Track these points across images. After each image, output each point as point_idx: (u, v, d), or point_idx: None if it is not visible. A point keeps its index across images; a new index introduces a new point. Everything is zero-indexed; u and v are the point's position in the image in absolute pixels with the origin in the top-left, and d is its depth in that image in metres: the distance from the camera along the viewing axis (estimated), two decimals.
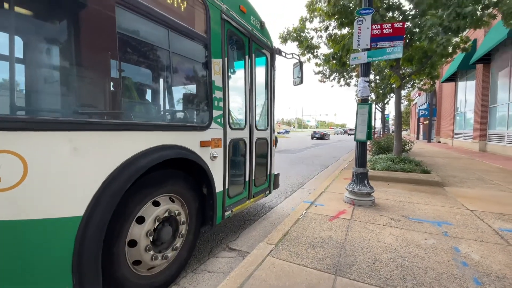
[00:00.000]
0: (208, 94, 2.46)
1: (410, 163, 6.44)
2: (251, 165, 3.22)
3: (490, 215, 3.51)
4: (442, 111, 21.47)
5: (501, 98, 11.95)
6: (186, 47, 2.41)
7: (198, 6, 2.39)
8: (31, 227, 1.27)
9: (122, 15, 1.78)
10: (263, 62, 3.67)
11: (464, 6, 4.95)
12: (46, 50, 1.62)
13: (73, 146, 1.41)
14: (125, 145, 1.70)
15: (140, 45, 2.09)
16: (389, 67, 7.82)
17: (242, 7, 3.02)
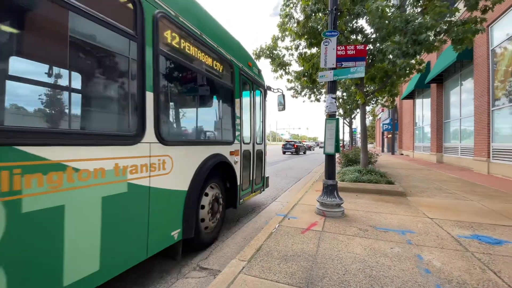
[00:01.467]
0: (233, 121, 3.80)
1: (376, 174, 6.79)
2: (253, 168, 4.58)
3: (449, 223, 3.78)
4: (403, 125, 23.18)
5: (454, 114, 13.24)
6: (226, 93, 3.75)
7: (229, 67, 3.71)
8: (172, 193, 2.44)
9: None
10: (259, 95, 5.01)
11: (419, 33, 5.52)
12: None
13: (186, 153, 2.68)
14: (201, 153, 2.96)
15: (210, 98, 3.63)
16: (354, 85, 8.36)
17: (249, 63, 4.50)
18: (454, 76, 12.95)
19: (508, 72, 8.48)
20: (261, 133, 5.10)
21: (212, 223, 3.18)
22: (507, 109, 8.63)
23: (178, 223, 2.52)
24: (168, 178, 2.36)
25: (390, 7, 6.42)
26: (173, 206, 2.47)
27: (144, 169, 2.08)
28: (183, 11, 2.64)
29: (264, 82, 5.25)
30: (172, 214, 2.46)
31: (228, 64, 3.65)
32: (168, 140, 2.37)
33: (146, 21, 2.12)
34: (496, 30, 9.23)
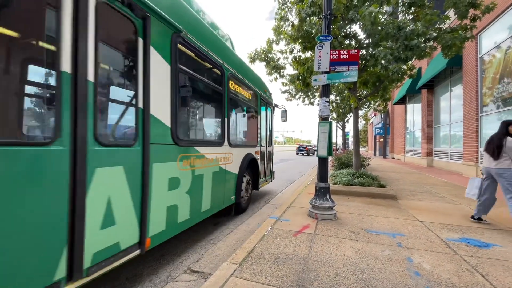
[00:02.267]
0: (257, 131, 5.66)
1: (368, 177, 6.86)
2: (266, 164, 6.30)
3: (438, 226, 3.84)
4: (395, 130, 23.53)
5: (444, 119, 13.51)
6: (253, 112, 5.55)
7: (256, 96, 5.53)
8: (232, 174, 4.22)
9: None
10: (270, 111, 6.69)
11: (410, 39, 5.63)
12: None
13: (238, 152, 4.42)
14: (243, 152, 4.70)
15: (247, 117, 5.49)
16: (347, 89, 8.45)
17: (265, 89, 6.24)
18: (444, 82, 13.24)
19: (496, 79, 8.72)
20: (271, 139, 6.86)
21: (246, 197, 4.96)
22: (494, 115, 8.86)
23: (233, 192, 4.32)
24: (231, 165, 4.16)
25: (383, 14, 6.54)
26: (233, 181, 4.29)
27: (224, 159, 3.86)
28: (238, 70, 4.49)
29: (272, 101, 6.98)
30: (232, 186, 4.27)
31: (255, 94, 5.55)
32: (232, 144, 4.16)
33: (225, 78, 3.89)
34: (484, 38, 9.49)
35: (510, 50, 8.05)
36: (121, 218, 1.98)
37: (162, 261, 2.75)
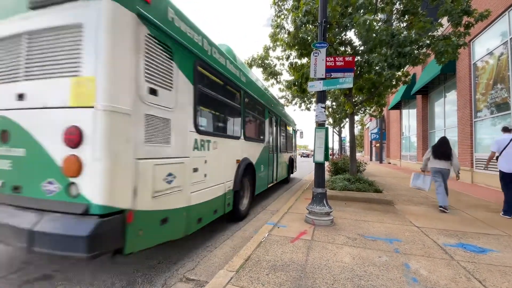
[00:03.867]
0: (292, 144, 11.07)
1: (364, 183, 6.88)
2: (295, 161, 11.48)
3: (435, 231, 3.85)
4: (390, 135, 23.71)
5: (438, 124, 13.66)
6: (290, 136, 10.55)
7: (290, 126, 10.43)
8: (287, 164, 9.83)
9: None
10: (295, 132, 11.77)
11: (404, 46, 5.73)
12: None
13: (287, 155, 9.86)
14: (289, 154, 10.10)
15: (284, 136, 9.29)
16: (343, 94, 8.53)
17: (294, 122, 11.33)
18: (438, 88, 13.43)
19: (489, 85, 8.87)
20: (295, 148, 12.32)
21: (291, 174, 10.36)
22: (488, 120, 8.98)
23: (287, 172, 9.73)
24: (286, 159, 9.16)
25: (377, 21, 6.65)
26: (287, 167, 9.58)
27: (285, 157, 8.96)
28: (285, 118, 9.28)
29: (296, 126, 11.97)
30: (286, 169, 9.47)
31: (292, 128, 11.07)
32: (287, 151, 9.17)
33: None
34: (477, 45, 9.68)
35: (502, 56, 8.21)
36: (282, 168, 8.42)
37: (158, 269, 2.71)
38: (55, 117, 2.04)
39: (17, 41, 2.24)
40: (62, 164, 1.97)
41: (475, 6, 6.97)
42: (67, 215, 1.95)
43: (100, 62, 1.95)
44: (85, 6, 2.02)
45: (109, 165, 1.93)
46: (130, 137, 2.13)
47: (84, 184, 1.93)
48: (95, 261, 2.78)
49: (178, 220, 2.76)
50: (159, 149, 2.45)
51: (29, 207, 2.08)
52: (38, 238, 1.92)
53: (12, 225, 2.02)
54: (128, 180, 2.11)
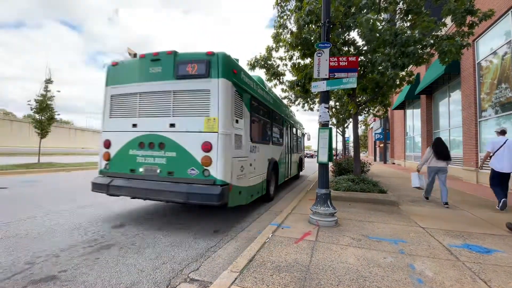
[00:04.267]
0: (301, 146, 13.37)
1: (368, 183, 6.84)
2: (303, 160, 13.82)
3: (440, 232, 3.82)
4: (395, 135, 23.56)
5: (443, 124, 13.55)
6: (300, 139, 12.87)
7: (300, 130, 12.39)
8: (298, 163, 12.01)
9: None
10: (304, 136, 14.11)
11: (407, 46, 5.70)
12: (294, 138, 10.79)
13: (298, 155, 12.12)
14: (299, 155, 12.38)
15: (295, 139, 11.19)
16: (347, 95, 8.50)
17: (303, 128, 13.71)
18: (442, 88, 13.33)
19: (494, 85, 8.78)
20: (303, 149, 14.45)
21: (300, 170, 12.62)
22: (493, 120, 8.89)
23: (297, 170, 11.70)
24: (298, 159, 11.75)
25: (380, 21, 6.62)
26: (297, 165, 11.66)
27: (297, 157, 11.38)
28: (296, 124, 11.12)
29: (304, 129, 13.91)
30: (297, 167, 11.42)
31: (300, 131, 12.32)
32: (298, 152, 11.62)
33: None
34: (481, 44, 9.60)
35: (506, 56, 8.14)
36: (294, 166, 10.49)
37: (162, 269, 2.72)
38: (195, 136, 3.93)
39: (168, 95, 4.17)
40: (200, 160, 3.86)
41: (478, 5, 6.93)
42: (204, 185, 3.80)
43: (219, 110, 3.88)
44: (210, 81, 3.94)
45: (223, 161, 3.83)
46: (230, 146, 4.03)
47: (212, 170, 3.82)
48: (100, 263, 2.81)
49: (245, 193, 4.66)
50: (238, 152, 4.36)
51: (180, 182, 3.92)
52: (191, 196, 3.71)
53: (174, 190, 3.83)
54: (230, 169, 3.98)
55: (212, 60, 3.97)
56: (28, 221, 4.31)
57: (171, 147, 4.05)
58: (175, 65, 4.13)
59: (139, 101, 4.37)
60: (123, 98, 4.52)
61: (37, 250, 3.15)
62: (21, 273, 2.57)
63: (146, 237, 3.70)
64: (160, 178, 4.07)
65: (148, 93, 4.31)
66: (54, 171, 12.30)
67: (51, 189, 7.44)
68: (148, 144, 4.20)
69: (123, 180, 4.28)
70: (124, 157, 4.40)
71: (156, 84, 4.25)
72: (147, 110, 4.32)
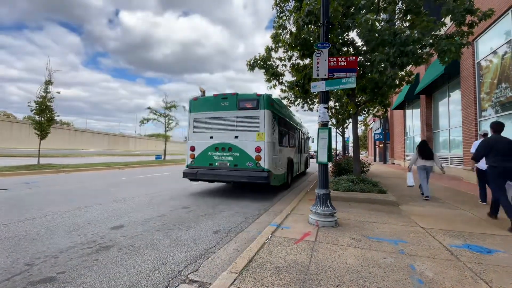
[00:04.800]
0: (307, 148, 16.39)
1: (368, 183, 6.83)
2: (308, 160, 16.23)
3: (440, 232, 3.80)
4: (394, 135, 23.55)
5: (442, 124, 13.54)
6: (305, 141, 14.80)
7: (305, 134, 14.81)
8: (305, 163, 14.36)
9: None
10: (308, 139, 16.14)
11: (406, 45, 5.69)
12: None
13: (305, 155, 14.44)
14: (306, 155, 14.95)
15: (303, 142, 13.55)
16: (346, 95, 8.49)
17: (308, 133, 15.94)
18: (442, 88, 13.32)
19: (494, 85, 8.78)
20: (308, 151, 17.45)
21: (306, 168, 14.58)
22: (493, 119, 8.88)
23: (305, 167, 14.11)
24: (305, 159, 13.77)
25: (379, 21, 6.62)
26: (304, 164, 13.82)
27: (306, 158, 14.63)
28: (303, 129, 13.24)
29: (309, 134, 16.40)
30: (304, 165, 13.59)
31: (306, 136, 15.20)
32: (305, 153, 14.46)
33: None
34: (481, 44, 9.60)
35: (506, 55, 8.13)
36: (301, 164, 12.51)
37: (161, 270, 2.71)
38: (251, 143, 6.64)
39: (233, 119, 6.89)
40: (254, 158, 6.57)
41: (478, 5, 6.92)
42: (257, 171, 6.50)
43: (265, 127, 6.62)
44: (259, 111, 6.67)
45: (268, 158, 6.53)
46: (271, 149, 6.69)
47: (261, 163, 6.52)
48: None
49: (277, 179, 7.19)
50: (274, 152, 6.91)
51: (242, 170, 6.62)
52: (250, 178, 6.44)
53: (239, 175, 6.58)
54: (271, 162, 6.63)
55: (260, 99, 6.76)
56: (27, 222, 4.30)
57: (236, 150, 6.83)
58: (237, 102, 6.94)
59: (214, 122, 7.15)
60: (203, 120, 7.30)
61: (36, 251, 3.14)
62: (20, 275, 2.56)
63: (145, 238, 3.69)
64: (229, 168, 6.84)
65: (220, 118, 7.10)
66: (54, 172, 12.29)
67: (51, 191, 7.43)
68: (221, 148, 6.98)
69: (205, 170, 7.02)
70: (204, 156, 7.15)
71: (225, 112, 7.06)
72: (219, 127, 7.07)
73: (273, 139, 6.96)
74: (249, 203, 6.30)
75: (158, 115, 22.63)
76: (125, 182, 9.57)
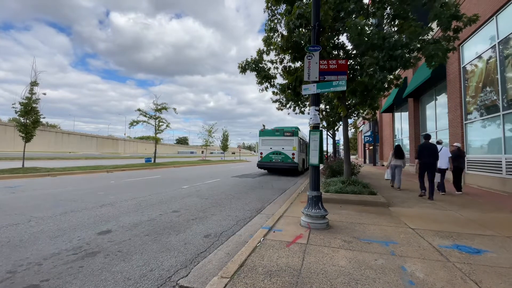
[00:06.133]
0: None
1: (359, 185, 6.89)
2: None
3: (430, 233, 3.85)
4: (383, 137, 23.96)
5: (430, 126, 13.85)
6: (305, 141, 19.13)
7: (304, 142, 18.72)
8: None
9: None
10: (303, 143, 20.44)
11: (395, 49, 5.80)
12: None
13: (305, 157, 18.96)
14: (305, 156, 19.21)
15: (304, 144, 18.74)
16: (336, 98, 8.58)
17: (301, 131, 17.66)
18: (429, 91, 13.65)
19: (479, 88, 9.05)
20: None
21: (304, 168, 17.41)
22: (478, 122, 9.14)
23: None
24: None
25: (369, 26, 6.74)
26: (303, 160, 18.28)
27: None
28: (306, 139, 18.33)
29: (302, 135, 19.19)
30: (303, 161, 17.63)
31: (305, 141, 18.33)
32: None
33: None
34: (466, 49, 9.90)
35: (491, 60, 8.40)
36: None
37: (149, 277, 2.63)
38: (290, 151, 15.15)
39: (281, 140, 15.50)
40: (291, 157, 15.08)
41: (464, 10, 7.14)
42: (292, 164, 15.08)
43: (296, 145, 15.16)
44: (293, 137, 15.33)
45: (298, 158, 15.10)
46: (298, 154, 15.35)
47: (295, 160, 15.00)
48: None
49: (299, 168, 15.47)
50: (300, 155, 15.72)
51: (285, 163, 15.17)
52: (289, 167, 15.03)
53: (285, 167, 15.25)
54: (298, 160, 15.18)
55: (294, 130, 15.23)
56: (10, 228, 4.12)
57: (282, 154, 15.12)
58: (283, 132, 15.37)
59: (272, 142, 15.51)
60: (266, 141, 15.71)
61: (19, 258, 3.00)
62: (1, 283, 2.43)
63: (134, 243, 3.59)
64: (279, 162, 15.11)
65: (274, 139, 15.46)
66: (39, 176, 11.91)
67: (35, 195, 7.17)
68: (275, 153, 15.28)
69: (267, 163, 15.45)
70: (267, 157, 15.48)
71: (276, 137, 15.45)
72: (274, 144, 15.42)
73: (299, 149, 15.08)
74: (241, 205, 6.25)
75: (148, 117, 22.31)
76: (113, 186, 9.35)
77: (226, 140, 42.57)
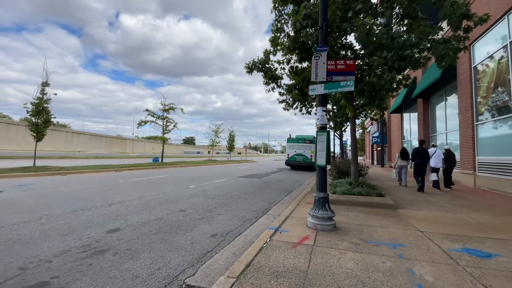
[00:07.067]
0: None
1: (366, 187, 6.82)
2: None
3: (439, 236, 3.79)
4: (392, 138, 23.64)
5: (440, 128, 13.61)
6: None
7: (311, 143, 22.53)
8: None
9: None
10: None
11: (404, 49, 5.72)
12: None
13: None
14: None
15: None
16: (344, 98, 8.51)
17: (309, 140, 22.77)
18: (439, 92, 13.41)
19: (490, 89, 8.85)
20: None
21: None
22: (490, 123, 8.94)
23: None
24: None
25: (377, 25, 6.67)
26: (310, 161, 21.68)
27: None
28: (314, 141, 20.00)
29: None
30: None
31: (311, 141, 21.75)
32: None
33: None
34: (477, 48, 9.69)
35: (503, 60, 8.21)
36: None
37: (157, 275, 2.67)
38: (309, 154, 21.01)
39: (303, 146, 21.49)
40: (310, 158, 20.79)
41: (475, 10, 7.00)
42: (311, 163, 19.94)
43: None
44: (312, 143, 20.47)
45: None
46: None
47: (312, 160, 19.39)
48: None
49: None
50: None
51: (306, 162, 20.97)
52: (309, 165, 20.61)
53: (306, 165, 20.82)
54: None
55: (312, 139, 20.93)
56: (21, 225, 4.23)
57: (304, 155, 21.11)
58: (305, 140, 21.44)
59: (296, 146, 21.57)
60: (292, 146, 21.74)
61: (30, 255, 3.08)
62: (12, 279, 2.50)
63: (142, 241, 3.64)
64: (302, 161, 21.02)
65: (298, 145, 21.48)
66: (49, 174, 12.17)
67: (46, 193, 7.34)
68: (298, 154, 21.25)
69: (293, 162, 21.41)
70: (292, 157, 21.46)
71: (299, 143, 21.49)
72: (298, 148, 21.40)
73: None
74: (247, 206, 6.26)
75: (156, 117, 22.54)
76: (121, 185, 9.49)
77: (232, 140, 42.63)
